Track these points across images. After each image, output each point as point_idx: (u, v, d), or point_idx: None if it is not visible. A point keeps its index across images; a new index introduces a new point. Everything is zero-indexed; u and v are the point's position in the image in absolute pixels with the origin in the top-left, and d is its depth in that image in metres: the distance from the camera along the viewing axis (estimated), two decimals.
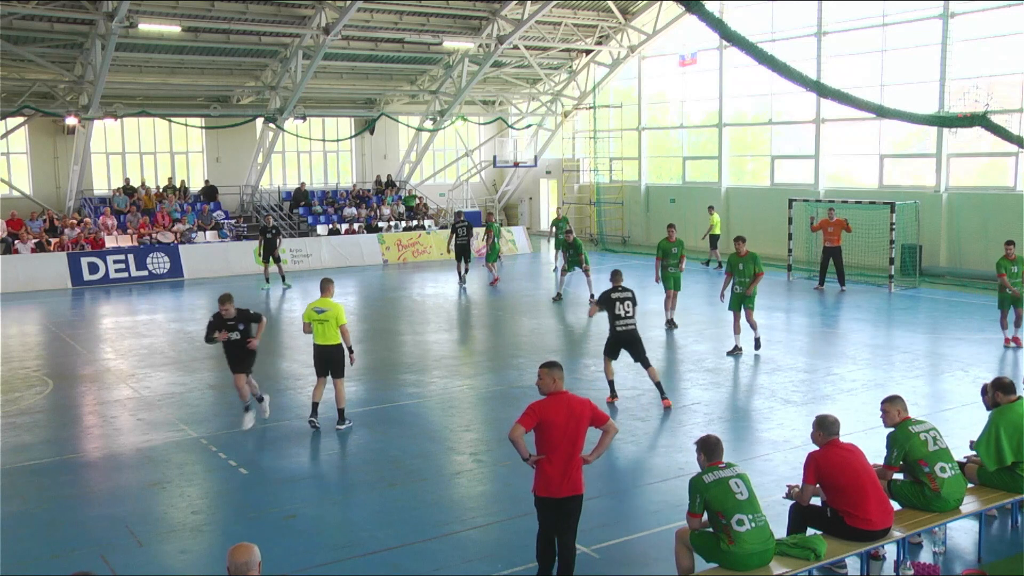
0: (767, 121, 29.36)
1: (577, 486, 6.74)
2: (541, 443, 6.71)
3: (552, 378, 6.80)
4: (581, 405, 6.79)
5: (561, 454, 6.66)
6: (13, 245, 25.27)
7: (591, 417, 6.79)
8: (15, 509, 8.94)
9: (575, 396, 6.85)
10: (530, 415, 6.67)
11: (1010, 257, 15.23)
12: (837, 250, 21.58)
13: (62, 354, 16.26)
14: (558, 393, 6.79)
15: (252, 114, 29.83)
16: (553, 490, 6.69)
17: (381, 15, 28.03)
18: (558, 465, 6.66)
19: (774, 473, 9.42)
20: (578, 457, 6.73)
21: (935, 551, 7.49)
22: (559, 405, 6.72)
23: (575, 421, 6.70)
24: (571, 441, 6.67)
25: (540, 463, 6.70)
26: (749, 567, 6.43)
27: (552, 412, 6.68)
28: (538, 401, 6.81)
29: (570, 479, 6.68)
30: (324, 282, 11.60)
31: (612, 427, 6.86)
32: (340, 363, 11.23)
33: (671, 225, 18.32)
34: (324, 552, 7.87)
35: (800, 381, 13.42)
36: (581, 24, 31.38)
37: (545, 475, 6.69)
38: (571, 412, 6.71)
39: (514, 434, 6.58)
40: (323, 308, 11.11)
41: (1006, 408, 7.96)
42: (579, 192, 35.95)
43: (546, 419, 6.66)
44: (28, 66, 25.37)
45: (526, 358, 15.17)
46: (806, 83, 15.34)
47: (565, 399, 6.77)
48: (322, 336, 11.12)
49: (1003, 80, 23.07)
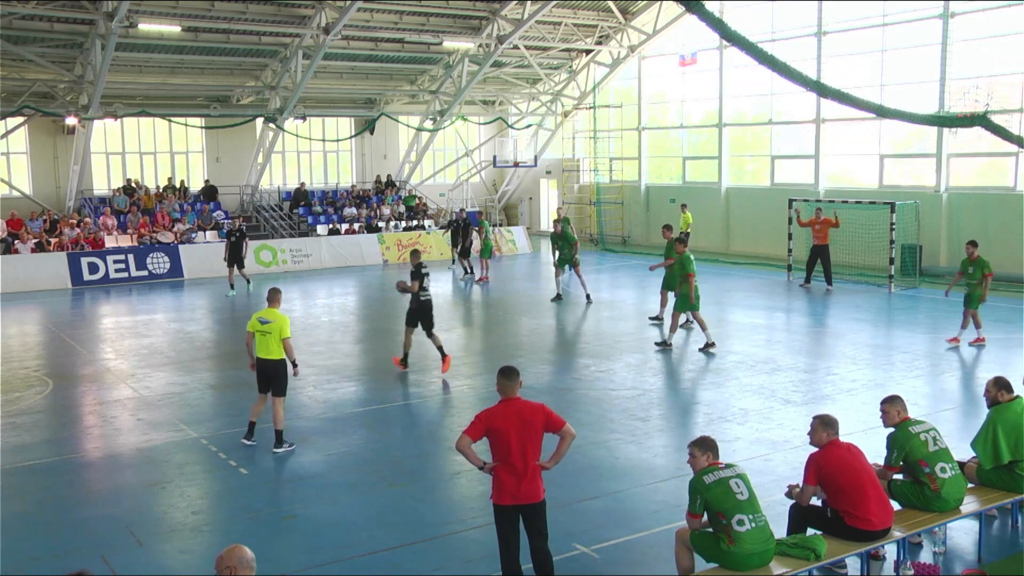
0: (767, 121, 29.36)
1: (536, 493, 6.58)
2: (494, 451, 6.61)
3: (505, 386, 6.67)
4: (533, 411, 6.61)
5: (515, 461, 6.50)
6: (13, 245, 25.27)
7: (544, 423, 6.62)
8: (15, 509, 8.94)
9: (527, 402, 6.69)
10: (476, 424, 6.57)
11: (971, 257, 15.38)
12: (825, 248, 21.72)
13: (62, 354, 16.26)
14: (508, 400, 6.65)
15: (252, 114, 29.83)
16: (510, 498, 6.56)
17: (381, 15, 28.03)
18: (513, 473, 6.52)
19: (774, 473, 9.42)
20: (534, 464, 6.57)
21: (935, 551, 7.49)
22: (509, 412, 6.57)
23: (527, 428, 6.54)
24: (524, 448, 6.52)
25: (496, 470, 6.58)
26: (749, 567, 6.42)
27: (500, 419, 6.55)
28: (486, 409, 6.72)
29: (528, 487, 6.54)
30: (271, 292, 10.91)
31: (569, 432, 6.61)
32: (282, 380, 10.53)
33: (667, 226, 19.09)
34: (324, 552, 7.87)
35: (800, 381, 13.42)
36: (581, 24, 31.38)
37: (501, 483, 6.56)
38: (521, 418, 6.55)
39: (459, 444, 6.50)
40: (267, 319, 10.45)
41: (1005, 407, 7.96)
42: (579, 192, 35.95)
43: (494, 427, 6.53)
44: (28, 66, 25.37)
45: (526, 358, 15.17)
46: (806, 83, 15.33)
47: (515, 405, 6.62)
48: (264, 349, 10.43)
49: (1003, 80, 23.07)
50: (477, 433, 6.54)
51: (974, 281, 15.27)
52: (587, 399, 12.48)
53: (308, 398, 13.01)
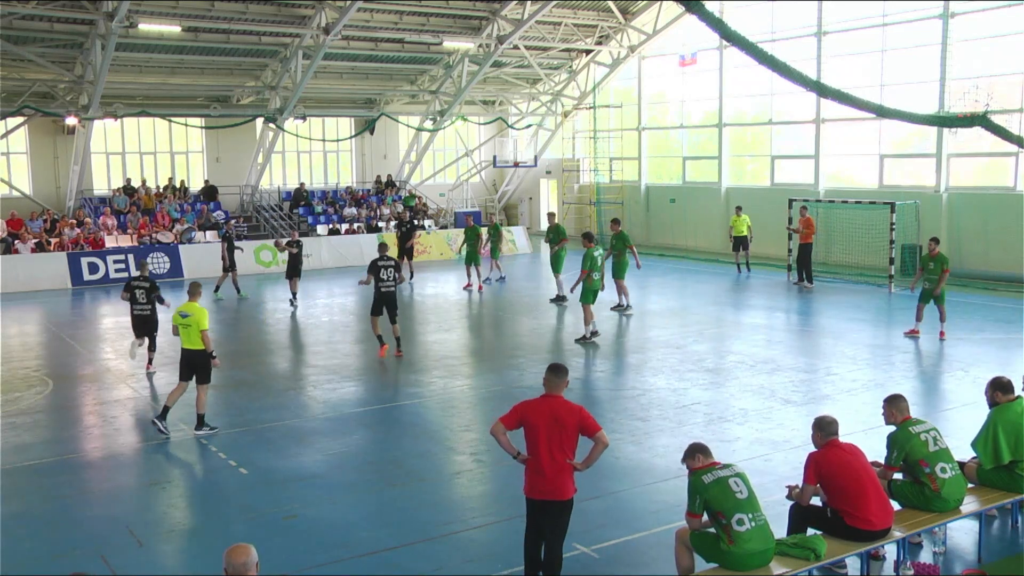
0: (767, 121, 29.36)
1: (559, 492, 6.60)
2: (527, 444, 6.68)
3: (548, 381, 6.75)
4: (569, 412, 6.62)
5: (542, 457, 6.57)
6: (13, 245, 25.27)
7: (579, 426, 6.62)
8: (15, 509, 8.94)
9: (566, 402, 6.70)
10: (512, 413, 6.69)
11: (932, 254, 15.74)
12: (808, 247, 22.41)
13: (62, 354, 16.26)
14: (548, 396, 6.70)
15: (252, 114, 29.83)
16: (534, 493, 6.64)
17: (381, 15, 28.03)
18: (540, 468, 6.59)
19: (774, 473, 9.42)
20: (563, 463, 6.58)
21: (935, 551, 7.49)
22: (543, 408, 6.63)
23: (559, 427, 6.55)
24: (553, 446, 6.54)
25: (527, 463, 6.67)
26: (749, 567, 6.42)
27: (534, 414, 6.62)
28: (524, 401, 6.81)
29: (552, 484, 6.57)
30: (191, 286, 11.74)
31: (602, 439, 6.57)
32: (204, 368, 11.25)
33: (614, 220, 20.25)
34: (324, 552, 7.87)
35: (800, 381, 13.41)
36: (581, 24, 31.38)
37: (528, 476, 6.69)
38: (555, 417, 6.57)
39: (493, 429, 6.67)
40: (187, 312, 11.15)
41: (1005, 407, 7.96)
42: (579, 192, 35.95)
43: (527, 420, 6.63)
44: (28, 66, 25.37)
45: (526, 358, 15.17)
46: (806, 83, 15.36)
47: (552, 403, 6.66)
48: (187, 340, 11.19)
49: (1003, 80, 23.07)
50: (511, 422, 6.65)
51: (934, 276, 15.59)
52: (587, 399, 12.47)
53: (308, 398, 13.01)
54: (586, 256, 16.27)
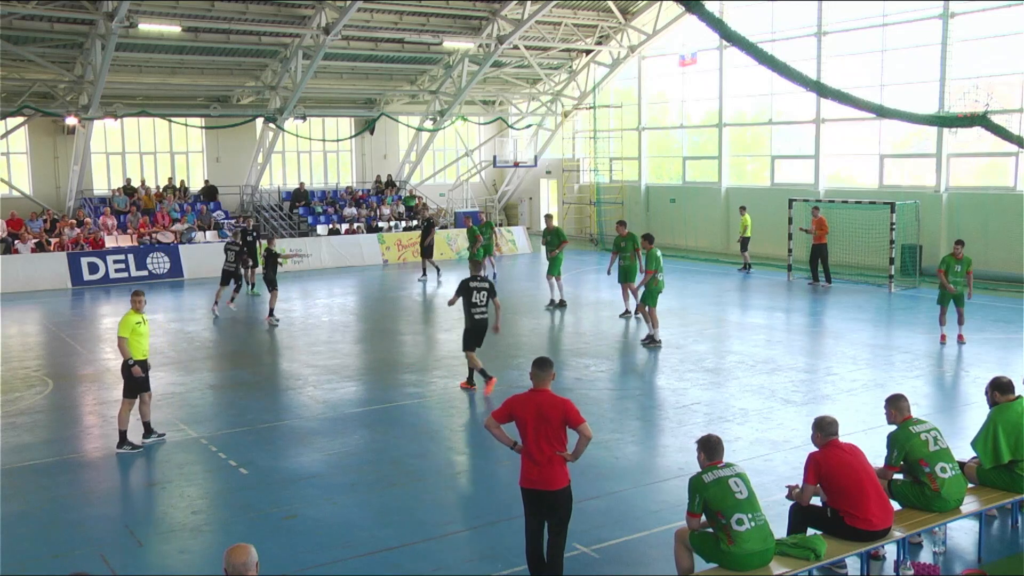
0: (767, 121, 29.35)
1: (550, 482, 6.76)
2: (519, 436, 6.92)
3: (534, 375, 6.95)
4: (552, 406, 6.78)
5: (531, 449, 6.79)
6: (13, 245, 25.27)
7: (563, 419, 6.76)
8: (15, 509, 8.94)
9: (552, 396, 6.86)
10: (503, 408, 6.98)
11: (957, 256, 15.46)
12: (823, 247, 22.48)
13: (62, 354, 16.26)
14: (536, 390, 6.90)
15: (252, 114, 29.83)
16: (526, 482, 6.87)
17: (381, 15, 28.03)
18: (530, 459, 6.81)
19: (774, 473, 9.42)
20: (551, 454, 6.74)
21: (935, 551, 7.49)
22: (530, 402, 6.84)
23: (543, 420, 6.74)
24: (540, 439, 6.74)
25: (522, 453, 6.91)
26: (749, 567, 6.42)
27: (521, 408, 6.86)
28: (515, 395, 7.03)
29: (543, 475, 6.76)
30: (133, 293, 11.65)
31: (584, 432, 6.70)
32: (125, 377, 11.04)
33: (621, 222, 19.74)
34: (324, 552, 7.87)
35: (800, 381, 13.41)
36: (581, 24, 31.38)
37: (522, 466, 6.93)
38: (539, 411, 6.77)
39: (486, 423, 7.01)
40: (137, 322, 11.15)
41: (1005, 407, 7.96)
42: (579, 192, 35.95)
43: (516, 414, 6.87)
44: (28, 66, 25.37)
45: (526, 358, 15.14)
46: (806, 83, 15.31)
47: (538, 397, 6.85)
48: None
49: (1003, 80, 23.07)
50: (502, 416, 6.94)
51: (960, 278, 15.37)
52: (587, 399, 12.47)
53: (308, 398, 13.01)
54: (650, 256, 16.22)
